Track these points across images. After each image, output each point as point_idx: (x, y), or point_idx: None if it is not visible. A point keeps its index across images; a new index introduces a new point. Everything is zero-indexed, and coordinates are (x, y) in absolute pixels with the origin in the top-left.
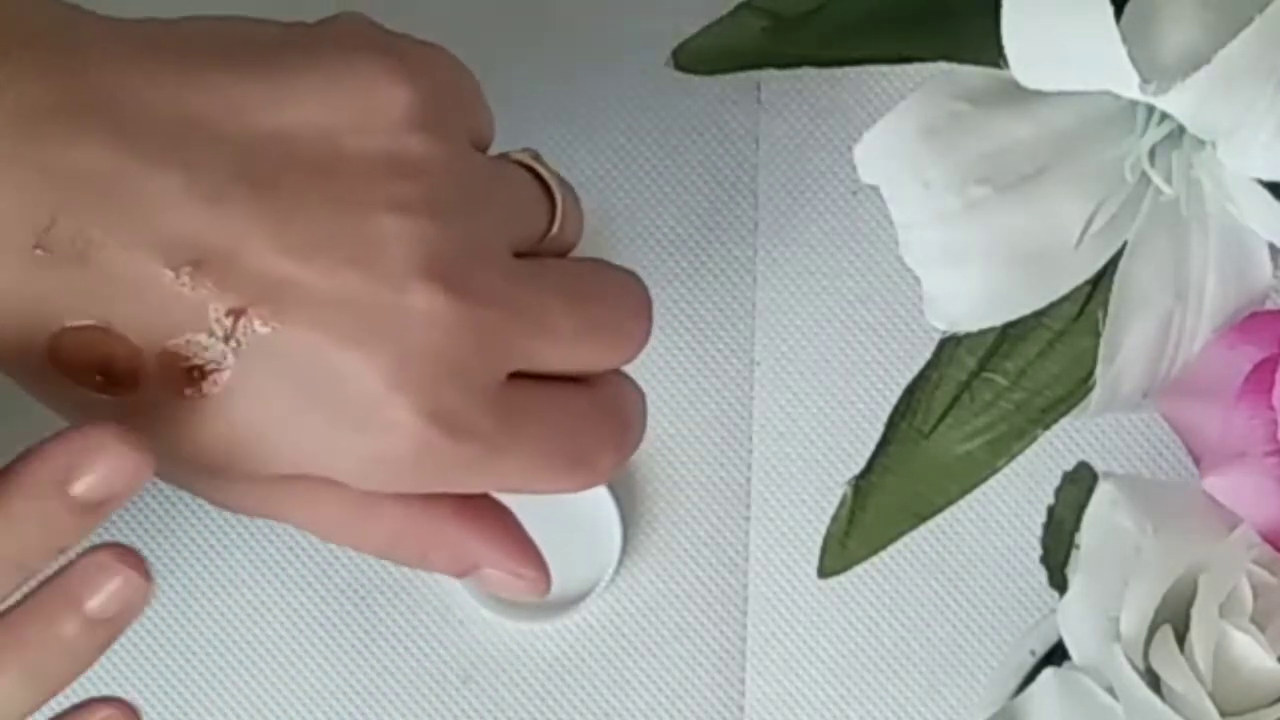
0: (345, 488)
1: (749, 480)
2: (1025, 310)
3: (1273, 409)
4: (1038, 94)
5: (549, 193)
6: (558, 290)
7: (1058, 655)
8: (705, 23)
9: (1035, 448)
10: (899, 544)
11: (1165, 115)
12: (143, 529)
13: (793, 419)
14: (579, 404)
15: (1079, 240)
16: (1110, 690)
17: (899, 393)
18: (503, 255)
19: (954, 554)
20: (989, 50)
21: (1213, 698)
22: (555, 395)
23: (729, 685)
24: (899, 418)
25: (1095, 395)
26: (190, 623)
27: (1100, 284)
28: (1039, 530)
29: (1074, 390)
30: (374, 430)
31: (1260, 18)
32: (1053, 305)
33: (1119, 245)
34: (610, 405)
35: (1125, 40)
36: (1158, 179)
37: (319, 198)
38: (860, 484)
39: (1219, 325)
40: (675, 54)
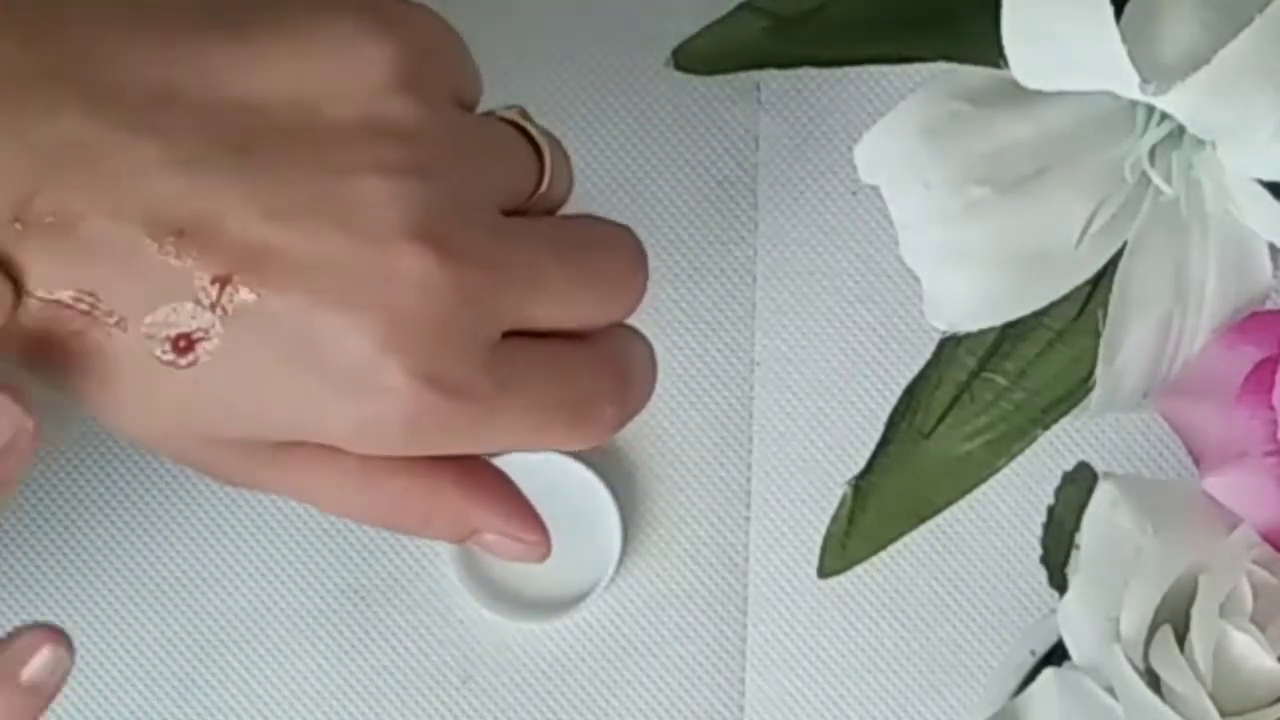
0: (345, 457)
1: (749, 480)
2: (1025, 310)
3: (1273, 409)
4: (1038, 94)
5: (537, 150)
6: (548, 245)
7: (1058, 655)
8: (705, 23)
9: (1035, 448)
10: (899, 544)
11: (1165, 115)
12: (143, 529)
13: (793, 419)
14: (576, 357)
15: (1079, 240)
16: (1110, 690)
17: (899, 393)
18: (491, 214)
19: (954, 554)
20: (989, 50)
21: (1213, 698)
22: (552, 350)
23: (729, 685)
24: (899, 418)
25: (1095, 395)
26: (191, 622)
27: (1100, 284)
28: (1039, 530)
29: (1074, 390)
30: (368, 394)
31: (1260, 18)
32: (1053, 305)
33: (1119, 245)
34: (609, 357)
35: (1125, 40)
36: (1158, 179)
37: (300, 162)
38: (860, 484)
39: (1219, 325)
40: (675, 54)
